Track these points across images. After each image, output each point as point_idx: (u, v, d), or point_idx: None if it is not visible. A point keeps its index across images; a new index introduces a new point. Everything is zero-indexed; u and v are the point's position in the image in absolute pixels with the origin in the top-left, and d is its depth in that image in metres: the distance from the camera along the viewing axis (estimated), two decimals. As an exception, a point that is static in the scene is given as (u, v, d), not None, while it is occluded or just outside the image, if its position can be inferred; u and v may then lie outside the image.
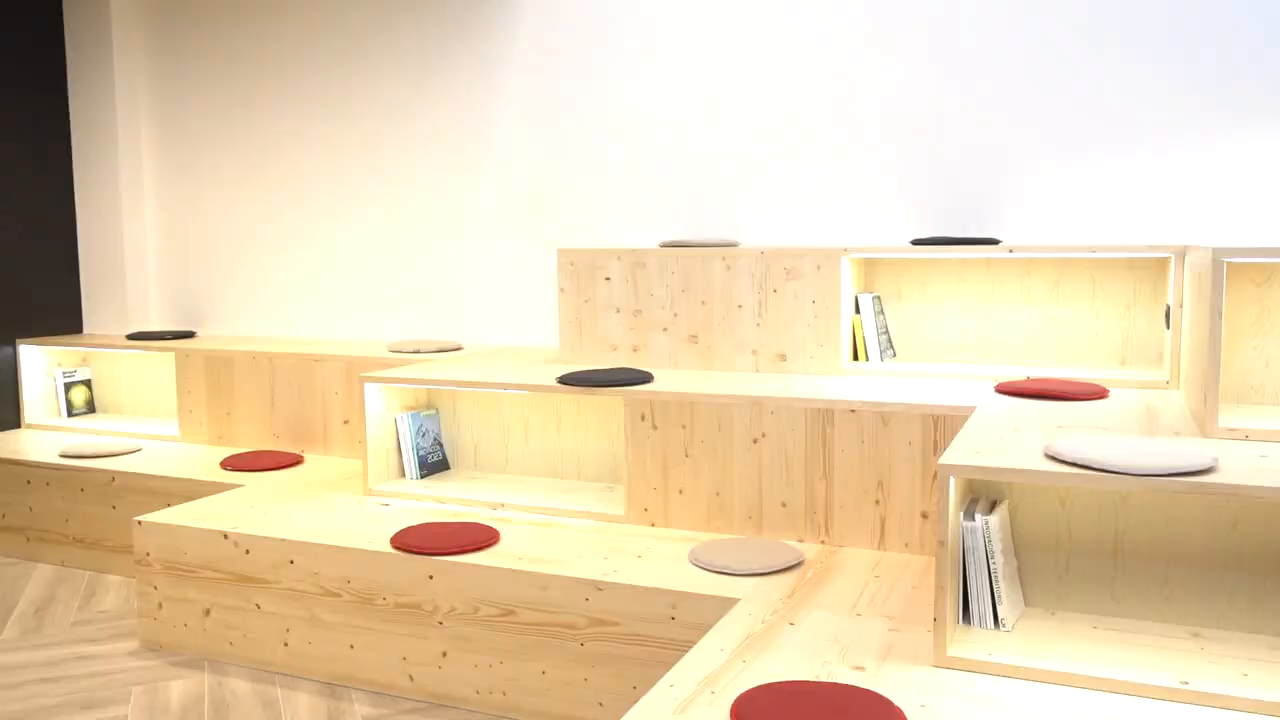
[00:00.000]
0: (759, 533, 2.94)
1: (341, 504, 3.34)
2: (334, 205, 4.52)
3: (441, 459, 3.68)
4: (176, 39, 4.78)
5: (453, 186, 4.27)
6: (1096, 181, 3.28)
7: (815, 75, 3.59)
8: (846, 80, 3.54)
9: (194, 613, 3.10)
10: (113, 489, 3.90)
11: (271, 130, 4.62)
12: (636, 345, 3.53)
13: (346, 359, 4.00)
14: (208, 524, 3.09)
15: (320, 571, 2.90)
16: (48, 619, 3.44)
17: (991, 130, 3.38)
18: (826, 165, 3.60)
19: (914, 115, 3.47)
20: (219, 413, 4.29)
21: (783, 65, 3.63)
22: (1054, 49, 3.29)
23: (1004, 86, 3.35)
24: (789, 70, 3.62)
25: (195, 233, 4.87)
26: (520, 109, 4.09)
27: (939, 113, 3.43)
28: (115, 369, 4.93)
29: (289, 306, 4.68)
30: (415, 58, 4.27)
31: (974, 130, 3.40)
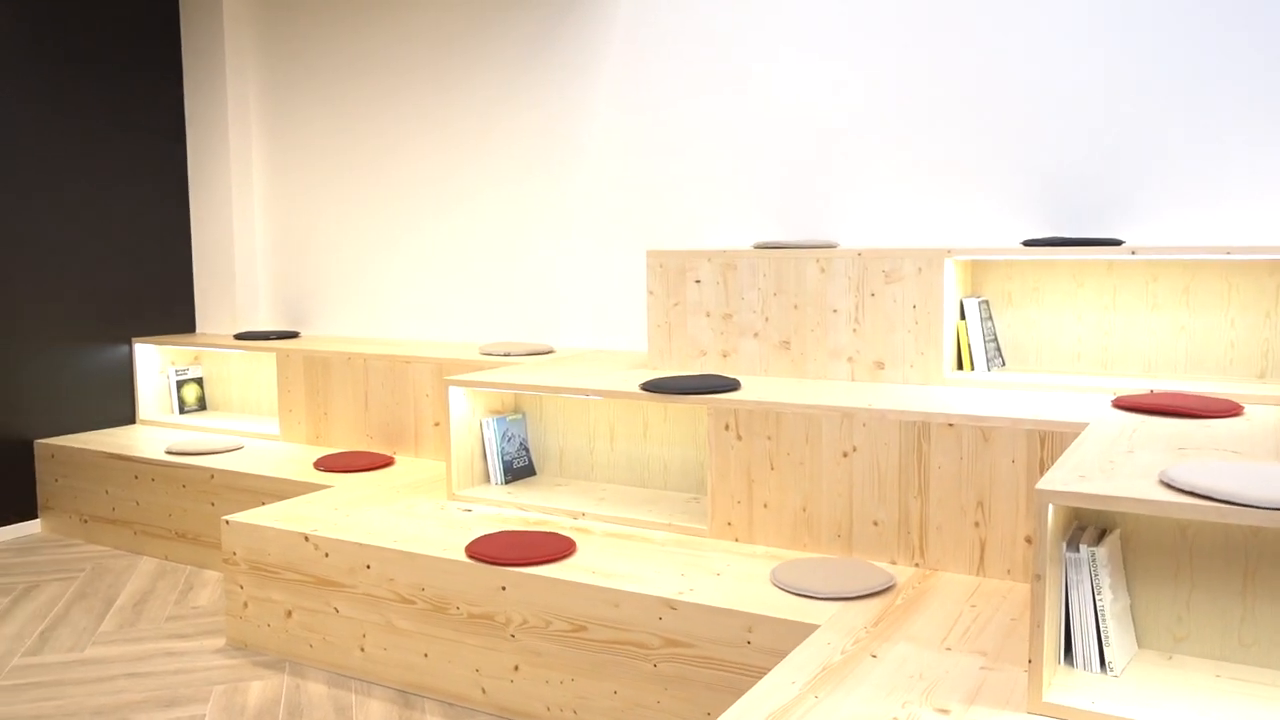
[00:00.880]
0: (848, 553, 2.76)
1: (423, 509, 3.31)
2: (432, 207, 4.52)
3: (527, 464, 3.61)
4: (285, 45, 4.87)
5: (546, 188, 4.21)
6: (1233, 175, 2.98)
7: (917, 66, 3.38)
8: (950, 70, 3.32)
9: (277, 613, 3.11)
10: (211, 486, 3.97)
11: (372, 133, 4.65)
12: (726, 351, 3.39)
13: (437, 361, 3.98)
14: (290, 525, 3.09)
15: (395, 578, 2.86)
16: (144, 613, 3.51)
17: (1113, 120, 3.11)
18: (930, 161, 3.39)
19: (1025, 104, 3.22)
20: (316, 413, 4.34)
21: (883, 57, 3.44)
22: (1182, 28, 3.00)
23: (1128, 71, 3.08)
24: (890, 62, 3.42)
25: (300, 234, 4.95)
26: (613, 109, 4.00)
27: (1053, 101, 3.18)
28: (225, 368, 5.05)
29: (387, 307, 4.70)
30: (508, 60, 4.23)
31: (1093, 120, 3.13)
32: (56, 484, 4.46)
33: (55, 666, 3.06)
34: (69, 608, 3.56)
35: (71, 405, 4.65)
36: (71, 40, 4.56)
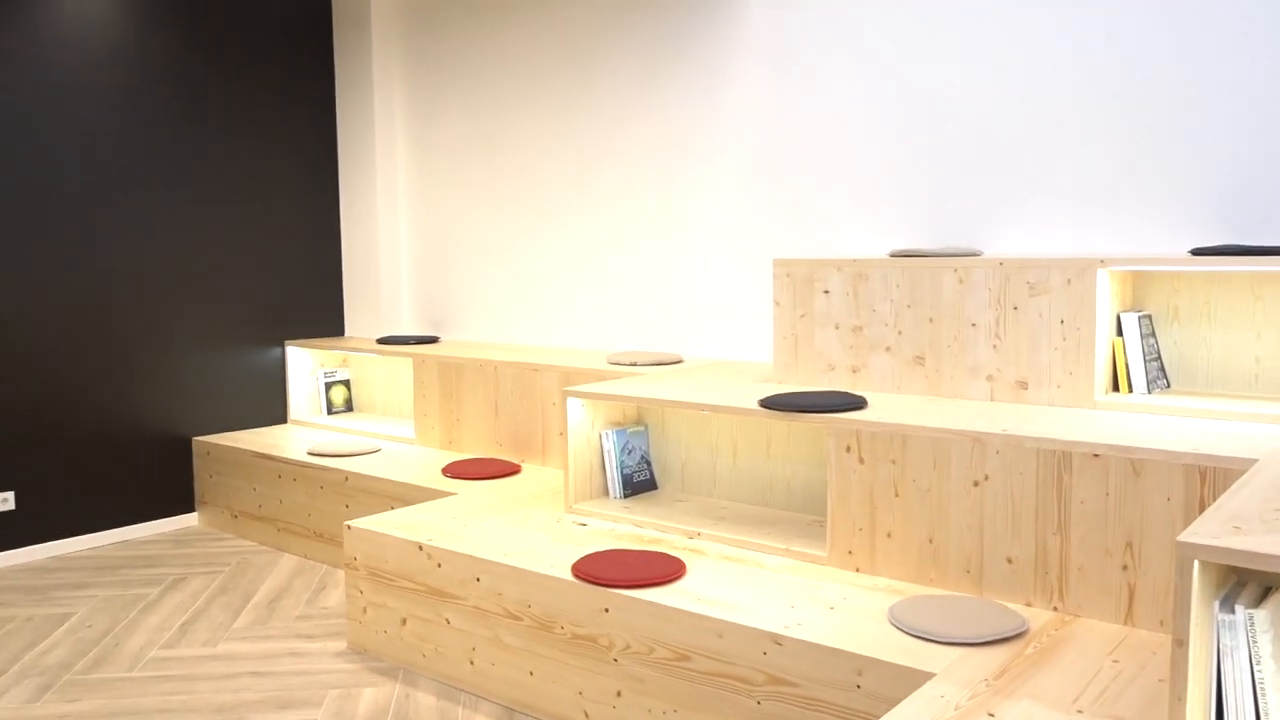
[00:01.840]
0: (978, 591, 2.53)
1: (539, 521, 3.26)
2: (565, 213, 4.49)
3: (648, 478, 3.52)
4: (428, 58, 4.96)
5: (678, 192, 4.11)
6: None
7: (1067, 63, 3.09)
8: (1104, 62, 3.02)
9: (392, 620, 3.12)
10: (346, 488, 4.06)
11: (508, 141, 4.67)
12: (856, 365, 3.20)
13: (564, 369, 3.94)
14: (407, 534, 3.11)
15: (503, 592, 2.81)
16: (277, 611, 3.61)
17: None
18: (1082, 163, 3.09)
19: (1190, 98, 2.89)
20: (449, 419, 4.38)
21: (1029, 56, 3.16)
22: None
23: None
24: (1037, 60, 3.15)
25: (441, 240, 5.02)
26: (745, 113, 3.85)
27: (1224, 94, 2.84)
28: (369, 371, 5.19)
29: (521, 313, 4.71)
30: (640, 65, 4.15)
31: (1270, 112, 2.78)
32: (211, 480, 4.67)
33: (188, 660, 3.18)
34: (210, 602, 3.71)
35: (228, 405, 4.87)
36: (231, 55, 4.77)
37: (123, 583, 3.92)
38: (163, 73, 4.54)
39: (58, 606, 3.66)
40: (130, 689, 2.97)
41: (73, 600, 3.73)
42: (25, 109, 4.13)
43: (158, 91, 4.52)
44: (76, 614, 3.59)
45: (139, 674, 3.08)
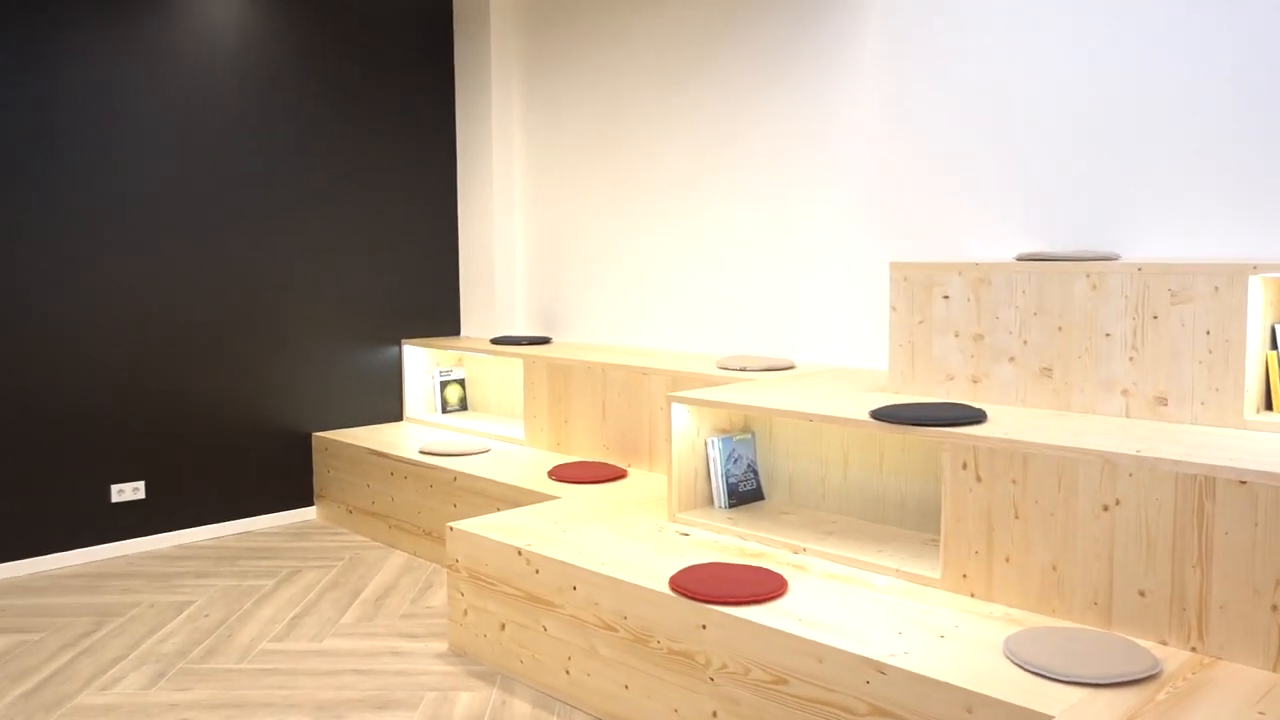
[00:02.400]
0: (1105, 625, 2.33)
1: (641, 529, 3.19)
2: (679, 213, 4.41)
3: (755, 488, 3.41)
4: (545, 58, 4.95)
5: (794, 194, 3.97)
6: None
7: (1211, 56, 2.82)
8: (1254, 58, 2.75)
9: (492, 625, 3.10)
10: (454, 488, 4.08)
11: (623, 140, 4.61)
12: (977, 376, 3.01)
13: (672, 374, 3.85)
14: (507, 538, 3.08)
15: (600, 603, 2.75)
16: (383, 608, 3.65)
17: None
18: (1231, 161, 2.82)
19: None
20: (558, 420, 4.36)
21: (1171, 49, 2.91)
22: None
23: None
24: (1180, 53, 2.89)
25: (555, 240, 5.01)
26: (866, 112, 3.69)
27: None
28: (483, 370, 5.22)
29: (633, 314, 4.65)
30: (758, 63, 4.03)
31: None
32: (329, 475, 4.78)
33: (295, 655, 3.23)
34: (320, 596, 3.77)
35: (347, 402, 4.98)
36: (353, 54, 4.87)
37: (241, 573, 4.03)
38: (286, 73, 4.66)
39: (179, 594, 3.79)
40: (238, 681, 3.04)
41: (193, 589, 3.85)
42: (155, 113, 4.29)
43: (281, 92, 4.65)
44: (196, 603, 3.70)
45: (247, 666, 3.14)
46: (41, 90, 3.98)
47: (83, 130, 4.09)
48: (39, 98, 3.98)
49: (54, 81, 4.00)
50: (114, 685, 3.01)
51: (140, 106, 4.23)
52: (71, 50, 4.04)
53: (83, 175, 4.10)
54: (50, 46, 3.98)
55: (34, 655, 3.24)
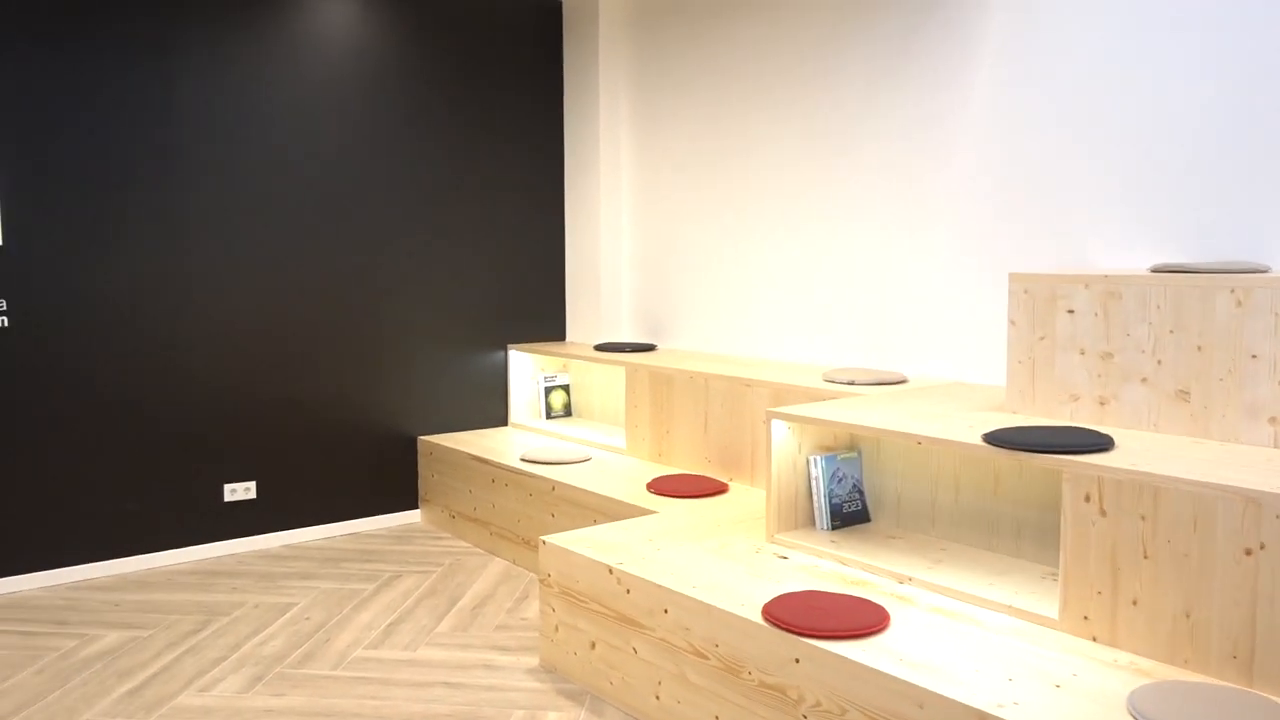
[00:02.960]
0: (1247, 682, 2.10)
1: (738, 549, 3.06)
2: (787, 220, 4.26)
3: (860, 509, 3.24)
4: (654, 60, 4.86)
5: (908, 200, 3.78)
6: None
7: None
8: None
9: (582, 643, 3.03)
10: (552, 498, 4.02)
11: (732, 144, 4.49)
12: (1104, 398, 2.78)
13: (776, 386, 3.71)
14: (599, 554, 3.00)
15: (691, 628, 2.64)
16: (479, 618, 3.62)
17: None
18: None
19: None
20: (659, 430, 4.26)
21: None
22: None
23: None
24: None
25: (661, 245, 4.92)
26: (984, 114, 3.48)
27: None
28: (588, 376, 5.17)
29: (738, 323, 4.52)
30: (871, 67, 3.85)
31: None
32: (433, 479, 4.80)
33: (388, 664, 3.22)
34: (418, 602, 3.77)
35: (453, 406, 4.99)
36: (464, 61, 4.88)
37: (343, 576, 4.07)
38: (395, 79, 4.69)
39: (283, 596, 3.84)
40: (331, 688, 3.04)
41: (297, 591, 3.90)
42: (269, 121, 4.38)
43: (391, 98, 4.69)
44: (298, 605, 3.75)
45: (341, 673, 3.15)
46: (158, 99, 4.10)
47: (201, 138, 4.20)
48: (156, 107, 4.10)
49: (170, 92, 4.12)
50: (213, 687, 3.05)
51: (254, 114, 4.32)
52: (187, 61, 4.15)
53: (199, 183, 4.21)
54: (166, 59, 4.10)
55: (142, 652, 3.32)
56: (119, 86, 3.99)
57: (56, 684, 3.08)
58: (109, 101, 3.98)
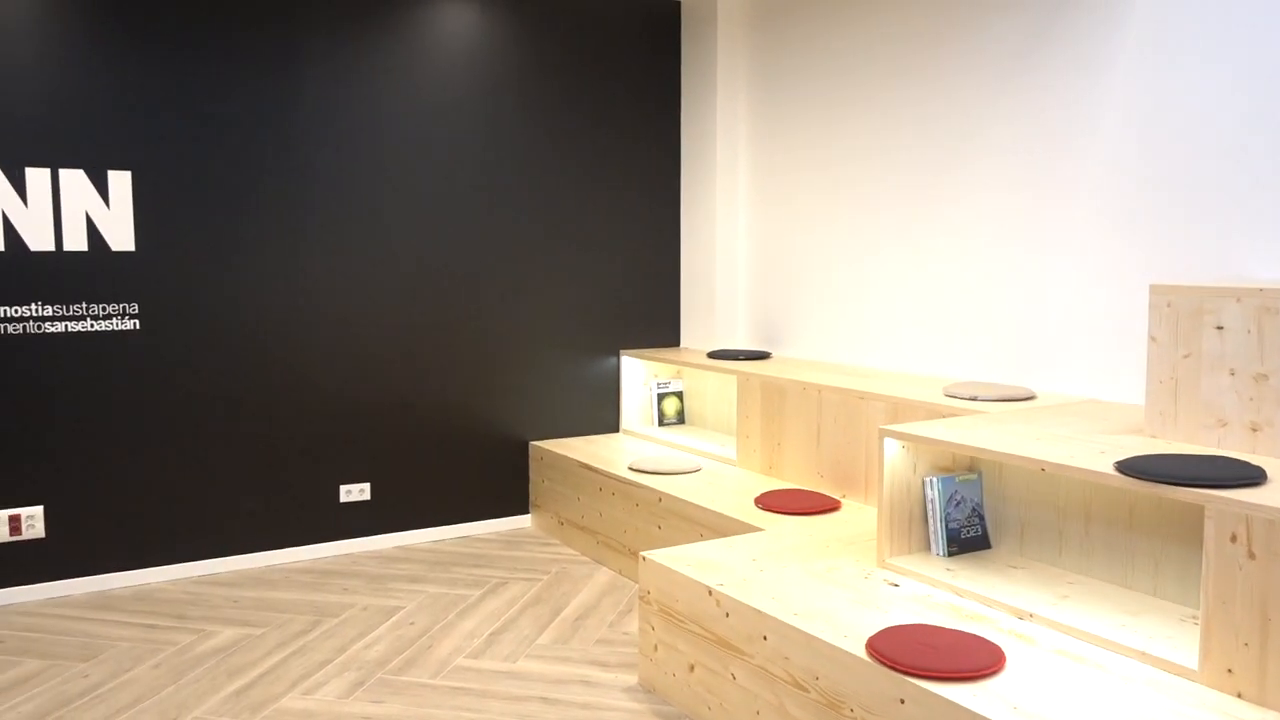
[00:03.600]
0: None
1: (846, 574, 2.91)
2: (910, 224, 4.06)
3: (980, 535, 3.04)
4: (773, 54, 4.72)
5: (1039, 204, 3.54)
6: None
7: None
8: None
9: (681, 664, 2.93)
10: (659, 509, 3.94)
11: (852, 147, 4.31)
12: (1256, 424, 2.51)
13: (893, 400, 3.53)
14: (699, 574, 2.89)
15: (790, 658, 2.51)
16: (580, 630, 3.56)
17: None
18: None
19: None
20: (771, 442, 4.12)
21: None
22: None
23: None
24: None
25: (778, 250, 4.77)
26: (1121, 111, 3.21)
27: None
28: (701, 384, 5.07)
29: (858, 331, 4.33)
30: (998, 63, 3.62)
31: None
32: (544, 485, 4.78)
33: (487, 675, 3.20)
34: (522, 611, 3.74)
35: (565, 411, 4.97)
36: (579, 62, 4.84)
37: (451, 581, 4.08)
38: (510, 81, 4.69)
39: (390, 599, 3.88)
40: (429, 697, 3.03)
41: (404, 594, 3.93)
42: (387, 124, 4.43)
43: (506, 99, 4.68)
44: (404, 609, 3.77)
45: (440, 682, 3.14)
46: (281, 102, 4.19)
47: (322, 145, 4.28)
48: (280, 109, 4.19)
49: (293, 100, 4.21)
50: (316, 690, 3.08)
51: (373, 120, 4.38)
52: (309, 70, 4.23)
53: (319, 190, 4.30)
54: (290, 68, 4.19)
55: (253, 651, 3.39)
56: (244, 96, 4.10)
57: (171, 679, 3.17)
58: (235, 111, 4.09)
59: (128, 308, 3.97)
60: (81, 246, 3.87)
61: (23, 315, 3.79)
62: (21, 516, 3.85)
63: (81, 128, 3.83)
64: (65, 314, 3.87)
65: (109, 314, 3.94)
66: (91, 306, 3.91)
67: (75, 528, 3.95)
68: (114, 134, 3.88)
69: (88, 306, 3.90)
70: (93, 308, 3.91)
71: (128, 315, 3.98)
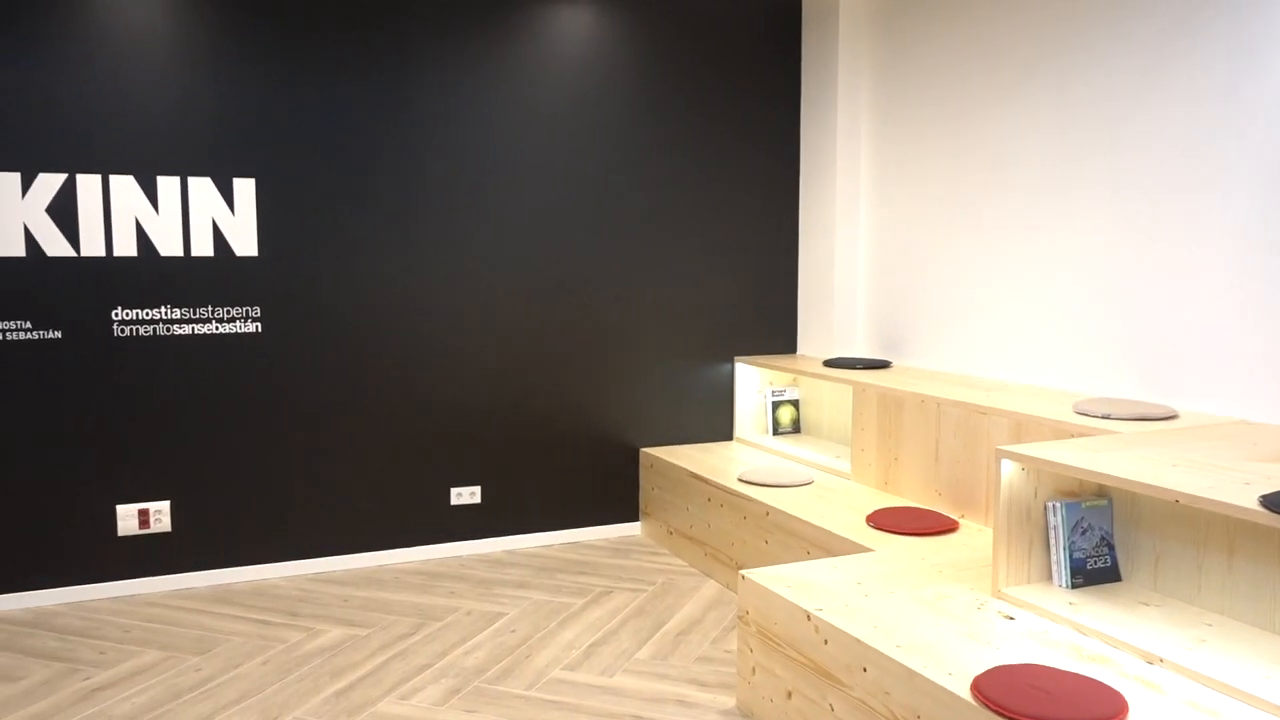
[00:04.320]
0: None
1: (958, 603, 2.72)
2: (1041, 227, 3.80)
3: (1109, 566, 2.80)
4: (897, 49, 4.51)
5: (1181, 208, 3.25)
6: None
7: None
8: None
9: (778, 690, 2.80)
10: (766, 523, 3.81)
11: (981, 147, 4.07)
12: None
13: (1016, 416, 3.31)
14: (798, 596, 2.76)
15: (891, 693, 2.36)
16: (681, 646, 3.47)
17: None
18: None
19: None
20: (887, 456, 3.94)
21: None
22: None
23: None
24: None
25: (900, 256, 4.57)
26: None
27: None
28: (817, 392, 4.90)
29: (984, 340, 4.10)
30: (1140, 53, 3.34)
31: None
32: (653, 493, 4.71)
33: (581, 688, 3.14)
34: (624, 623, 3.68)
35: (677, 418, 4.88)
36: (697, 62, 4.74)
37: (556, 588, 4.05)
38: (627, 82, 4.63)
39: (494, 604, 3.87)
40: (522, 709, 2.99)
41: (508, 600, 3.92)
42: (501, 127, 4.43)
43: (622, 101, 4.63)
44: (507, 615, 3.76)
45: (535, 694, 3.10)
46: (395, 108, 4.25)
47: (436, 149, 4.31)
48: (394, 115, 4.25)
49: (407, 100, 4.26)
50: (412, 695, 3.09)
51: (487, 123, 4.39)
52: (424, 75, 4.27)
53: (432, 194, 4.34)
54: (405, 73, 4.24)
55: (357, 652, 3.43)
56: (362, 104, 4.17)
57: (276, 677, 3.23)
58: (352, 117, 4.16)
59: (250, 310, 4.09)
60: (208, 252, 4.01)
61: (153, 318, 3.96)
62: (150, 511, 4.01)
63: (209, 137, 3.96)
64: (192, 316, 4.01)
65: (233, 317, 4.07)
66: (216, 310, 4.05)
67: (199, 523, 4.09)
68: (239, 143, 4.01)
69: (213, 309, 4.04)
70: (218, 310, 4.05)
71: (250, 318, 4.10)
